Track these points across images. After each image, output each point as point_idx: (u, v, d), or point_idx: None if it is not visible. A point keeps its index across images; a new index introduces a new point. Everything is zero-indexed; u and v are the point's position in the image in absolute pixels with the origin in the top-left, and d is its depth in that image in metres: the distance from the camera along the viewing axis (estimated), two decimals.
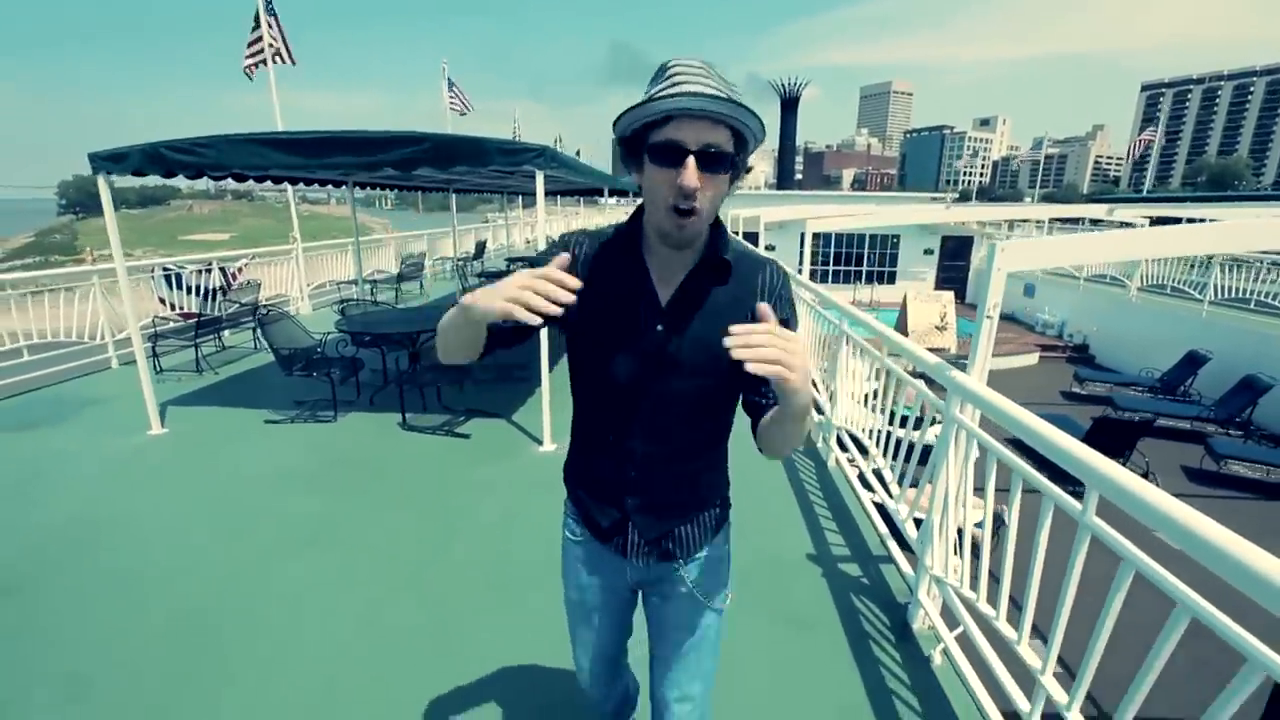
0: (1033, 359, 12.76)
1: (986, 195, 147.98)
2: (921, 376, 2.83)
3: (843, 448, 4.05)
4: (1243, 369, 8.78)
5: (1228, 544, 1.12)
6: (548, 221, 7.23)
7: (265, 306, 6.19)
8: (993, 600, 1.99)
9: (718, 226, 1.05)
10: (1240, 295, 10.61)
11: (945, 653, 2.28)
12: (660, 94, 0.88)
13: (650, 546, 1.18)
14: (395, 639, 2.41)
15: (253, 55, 9.03)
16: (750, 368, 0.77)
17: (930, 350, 9.44)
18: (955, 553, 2.34)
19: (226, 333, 7.31)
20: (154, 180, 5.08)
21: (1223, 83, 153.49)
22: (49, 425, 4.81)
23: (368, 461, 4.17)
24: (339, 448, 4.40)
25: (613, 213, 26.20)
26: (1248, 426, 8.52)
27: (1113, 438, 6.78)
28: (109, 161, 4.16)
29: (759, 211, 13.12)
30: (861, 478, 3.67)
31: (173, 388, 5.70)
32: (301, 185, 8.43)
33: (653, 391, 1.07)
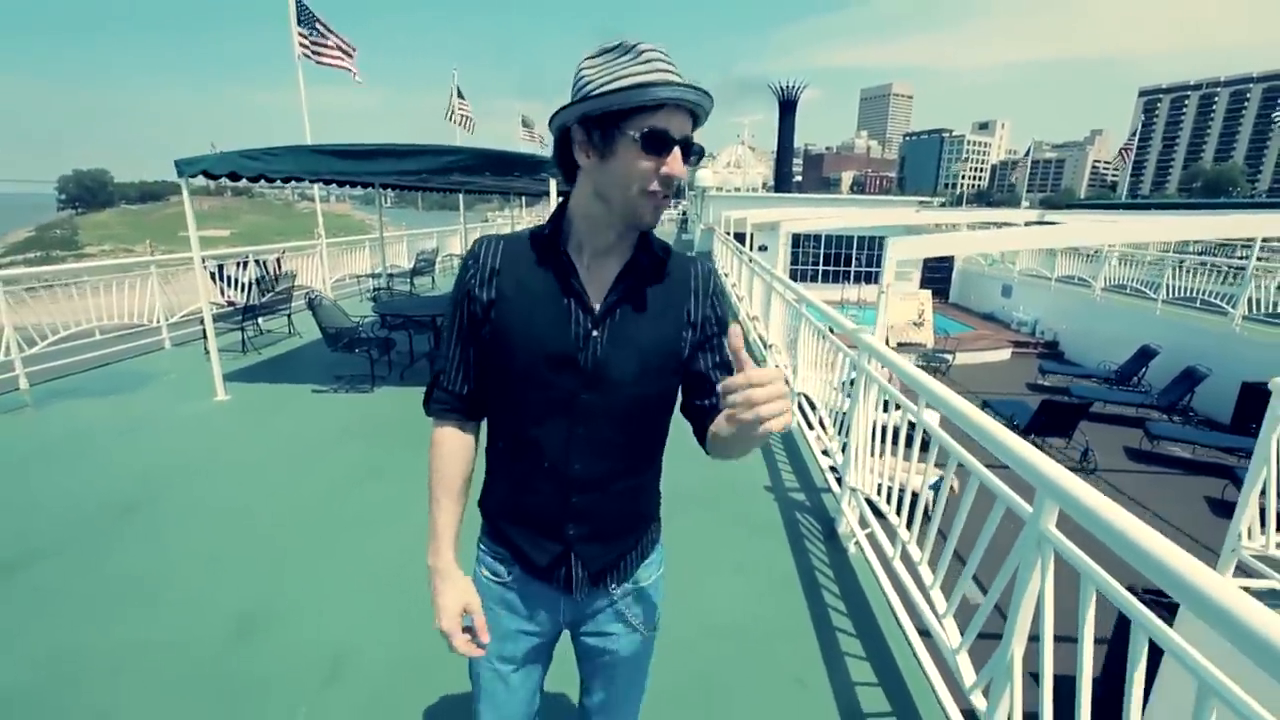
0: (1005, 354, 13.64)
1: (984, 199, 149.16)
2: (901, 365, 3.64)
3: (800, 410, 4.87)
4: (1188, 361, 9.63)
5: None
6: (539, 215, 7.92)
7: (313, 293, 6.97)
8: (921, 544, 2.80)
9: None
10: (1187, 295, 11.52)
11: (858, 544, 3.10)
12: (648, 80, 0.85)
13: (593, 578, 1.08)
14: None
15: (311, 52, 9.76)
16: (767, 427, 0.73)
17: (906, 344, 10.33)
18: (874, 488, 3.15)
19: (261, 319, 8.11)
20: (154, 175, 5.92)
21: (1219, 89, 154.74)
22: (131, 392, 5.62)
23: (407, 422, 4.97)
24: (380, 412, 5.20)
25: None
26: (1187, 412, 9.39)
27: (1056, 418, 7.64)
28: (188, 165, 4.96)
29: (748, 213, 13.92)
30: (809, 424, 4.52)
31: (225, 364, 6.49)
32: (305, 184, 9.22)
33: (592, 405, 0.98)
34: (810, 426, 4.60)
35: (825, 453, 4.18)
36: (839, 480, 3.76)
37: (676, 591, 2.95)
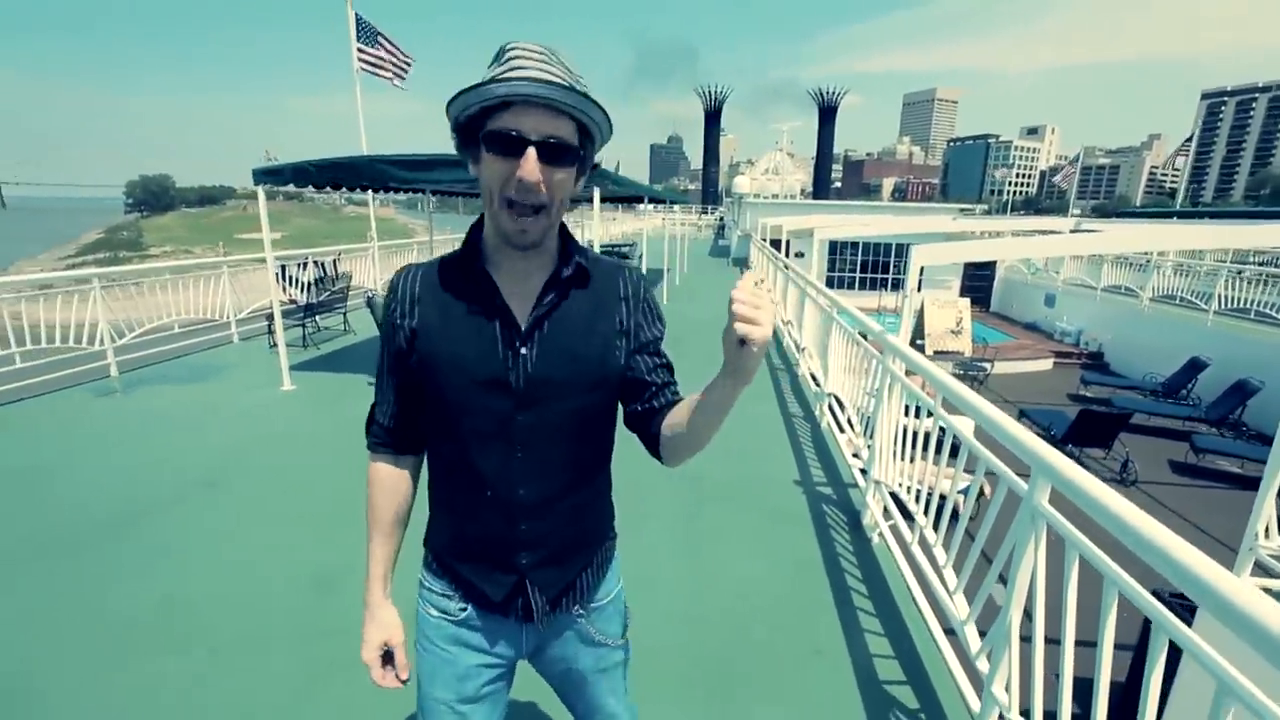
0: (1046, 365, 13.37)
1: (1032, 206, 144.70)
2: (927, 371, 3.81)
3: (831, 411, 5.03)
4: (1240, 374, 9.34)
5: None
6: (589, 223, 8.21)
7: (371, 292, 7.44)
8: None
9: (564, 230, 0.99)
10: (1241, 305, 11.13)
11: (881, 535, 3.27)
12: (499, 77, 0.80)
13: (551, 604, 1.04)
14: None
15: (370, 65, 10.36)
16: (741, 329, 0.72)
17: (943, 353, 10.37)
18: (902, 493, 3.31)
19: (319, 316, 8.64)
20: (212, 180, 6.40)
21: None
22: (207, 380, 6.13)
23: None
24: None
25: (650, 218, 27.35)
26: (1238, 426, 9.10)
27: (1094, 429, 7.55)
28: (267, 175, 5.41)
29: (784, 220, 14.03)
30: (840, 427, 4.67)
31: (289, 357, 6.97)
32: (351, 191, 9.75)
33: (530, 424, 0.95)
34: (841, 430, 4.74)
35: (856, 454, 4.33)
36: (864, 475, 3.94)
37: (706, 571, 3.19)
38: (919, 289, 19.19)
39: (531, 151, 0.82)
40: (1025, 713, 1.75)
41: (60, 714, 2.06)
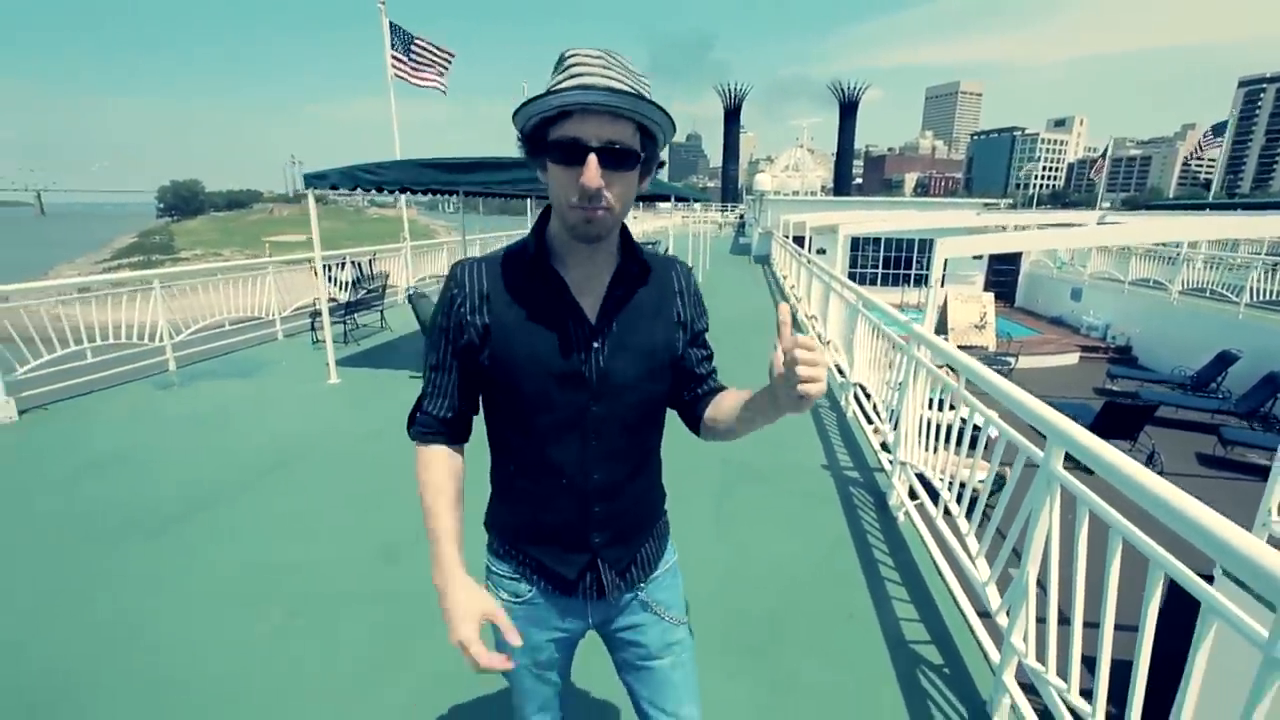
0: (1072, 359, 13.28)
1: (1060, 200, 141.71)
2: (951, 364, 3.97)
3: (857, 400, 5.19)
4: (1271, 366, 9.24)
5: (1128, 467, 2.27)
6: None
7: (413, 289, 7.75)
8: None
9: (624, 228, 1.02)
10: (1273, 298, 10.98)
11: (907, 514, 3.44)
12: (557, 87, 0.83)
13: (619, 578, 1.11)
14: None
15: (405, 73, 10.69)
16: (804, 388, 0.78)
17: (967, 347, 10.51)
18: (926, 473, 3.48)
19: (358, 314, 8.99)
20: (239, 185, 6.73)
21: None
22: (257, 375, 6.49)
23: None
24: None
25: (672, 216, 27.49)
26: (1268, 419, 9.01)
27: (1119, 420, 7.57)
28: (316, 179, 5.73)
29: (805, 217, 14.12)
30: (866, 415, 4.83)
31: (333, 353, 7.33)
32: (374, 194, 10.07)
33: (601, 415, 1.00)
34: (869, 420, 4.89)
35: (884, 446, 4.50)
36: (891, 459, 4.11)
37: (743, 547, 3.39)
38: (942, 284, 19.19)
39: (592, 158, 0.84)
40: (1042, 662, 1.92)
41: (161, 658, 2.34)
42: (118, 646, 2.40)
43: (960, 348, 10.74)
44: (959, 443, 2.79)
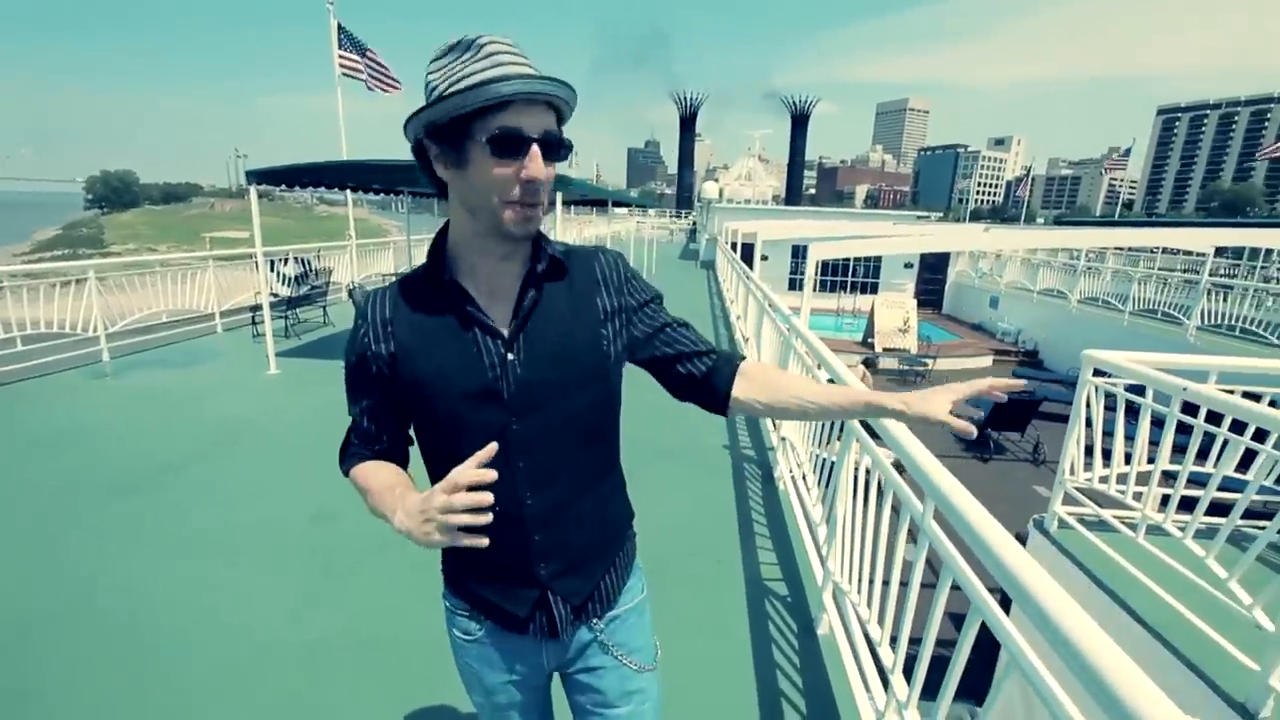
0: (986, 361, 14.42)
1: (999, 215, 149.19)
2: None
3: None
4: None
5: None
6: (564, 225, 8.76)
7: (355, 285, 7.94)
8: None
9: None
10: (1151, 307, 12.29)
11: (784, 486, 3.96)
12: (488, 77, 0.77)
13: (576, 613, 1.02)
14: None
15: (352, 71, 10.78)
16: (959, 428, 0.86)
17: (892, 349, 11.31)
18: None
19: (300, 309, 9.11)
20: (178, 177, 6.91)
21: (1240, 108, 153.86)
22: (199, 365, 6.62)
23: None
24: None
25: (624, 221, 28.04)
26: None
27: (1010, 414, 8.44)
28: (259, 175, 5.94)
29: (744, 224, 14.82)
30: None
31: (273, 346, 7.48)
32: (323, 190, 10.19)
33: (525, 433, 0.91)
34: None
35: (775, 425, 5.05)
36: (781, 437, 4.66)
37: (644, 509, 3.80)
38: (876, 290, 20.35)
39: (536, 149, 0.81)
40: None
41: (117, 601, 2.65)
42: (76, 592, 2.69)
43: (885, 350, 11.57)
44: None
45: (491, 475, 0.77)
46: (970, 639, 1.31)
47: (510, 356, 0.90)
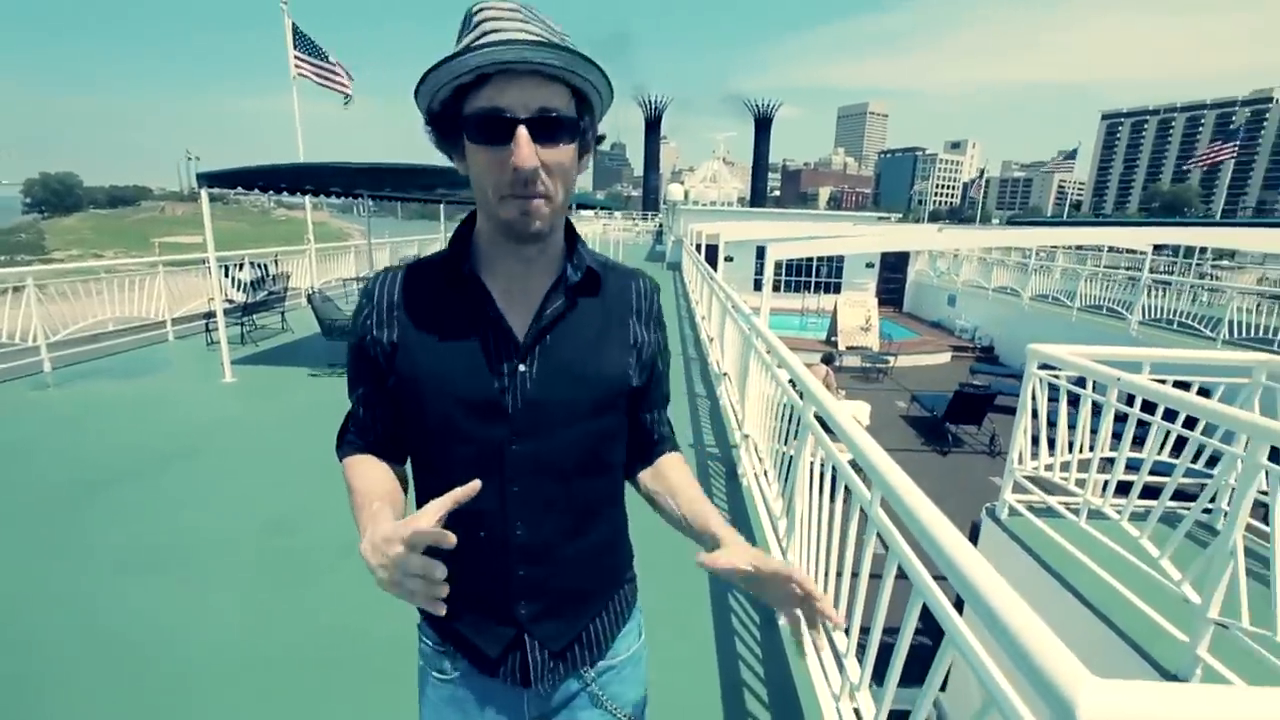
0: (944, 358, 14.90)
1: (956, 216, 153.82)
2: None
3: (727, 391, 5.83)
4: None
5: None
6: None
7: (313, 291, 7.76)
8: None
9: (571, 228, 0.85)
10: (1097, 303, 12.86)
11: (747, 481, 4.04)
12: (471, 46, 0.66)
13: (555, 660, 0.90)
14: None
15: (305, 72, 10.56)
16: (787, 621, 0.78)
17: (854, 347, 11.57)
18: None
19: (257, 315, 8.87)
20: (126, 180, 6.69)
21: (1176, 114, 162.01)
22: (151, 374, 6.39)
23: None
24: None
25: (591, 224, 28.05)
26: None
27: (967, 407, 8.73)
28: (210, 178, 5.78)
29: (710, 226, 14.99)
30: (733, 404, 5.46)
31: (229, 353, 7.27)
32: (282, 194, 10.01)
33: (525, 455, 0.81)
34: (735, 408, 5.53)
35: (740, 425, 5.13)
36: (744, 434, 4.73)
37: None
38: (839, 291, 20.82)
39: (522, 131, 0.69)
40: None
41: (71, 617, 2.55)
42: (15, 610, 2.58)
43: (848, 348, 11.82)
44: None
45: (452, 540, 0.64)
46: (914, 618, 1.38)
47: (522, 368, 0.81)
